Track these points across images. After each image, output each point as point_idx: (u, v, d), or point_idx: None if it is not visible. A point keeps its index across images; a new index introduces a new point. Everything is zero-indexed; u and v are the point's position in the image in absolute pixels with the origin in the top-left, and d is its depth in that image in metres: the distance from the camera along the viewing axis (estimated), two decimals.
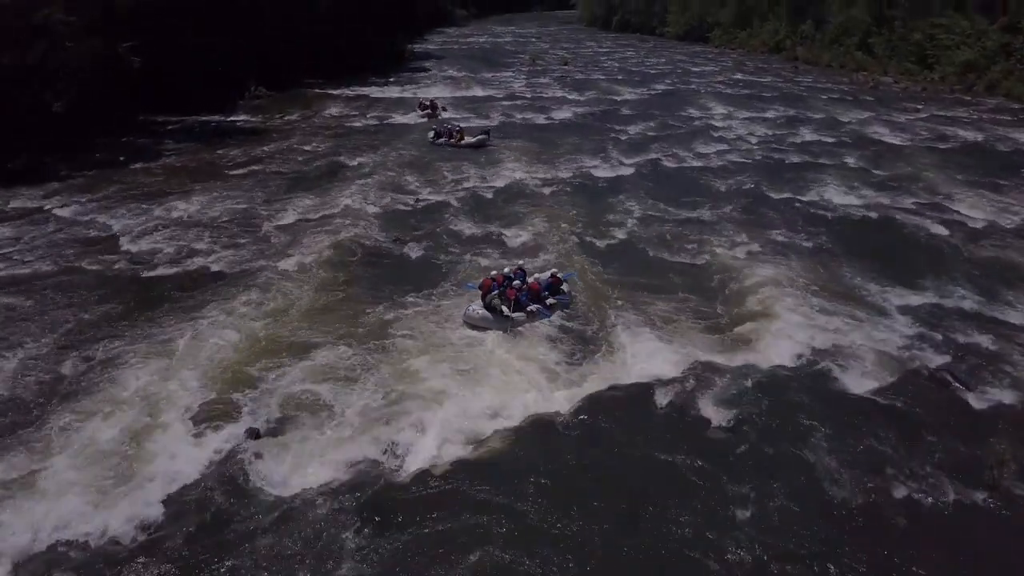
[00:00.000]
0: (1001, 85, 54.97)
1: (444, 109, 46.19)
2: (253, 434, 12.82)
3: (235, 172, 31.04)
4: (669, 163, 33.41)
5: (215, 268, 20.77)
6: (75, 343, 16.19)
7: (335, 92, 53.63)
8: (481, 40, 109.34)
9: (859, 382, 14.95)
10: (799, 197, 28.09)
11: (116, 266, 20.66)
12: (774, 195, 28.38)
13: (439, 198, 27.79)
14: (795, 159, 34.45)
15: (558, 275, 18.37)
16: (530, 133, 39.97)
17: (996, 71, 56.13)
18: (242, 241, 22.98)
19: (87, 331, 16.77)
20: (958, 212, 26.26)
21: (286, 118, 43.62)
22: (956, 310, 18.30)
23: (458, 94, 54.05)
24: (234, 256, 21.65)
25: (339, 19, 60.73)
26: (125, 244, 22.40)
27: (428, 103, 47.13)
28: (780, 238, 23.42)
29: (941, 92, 55.93)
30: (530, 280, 17.86)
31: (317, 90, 54.49)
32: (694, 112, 47.14)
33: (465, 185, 29.68)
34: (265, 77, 51.77)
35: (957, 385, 14.85)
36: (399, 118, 43.78)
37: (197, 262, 21.25)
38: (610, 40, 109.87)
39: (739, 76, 66.32)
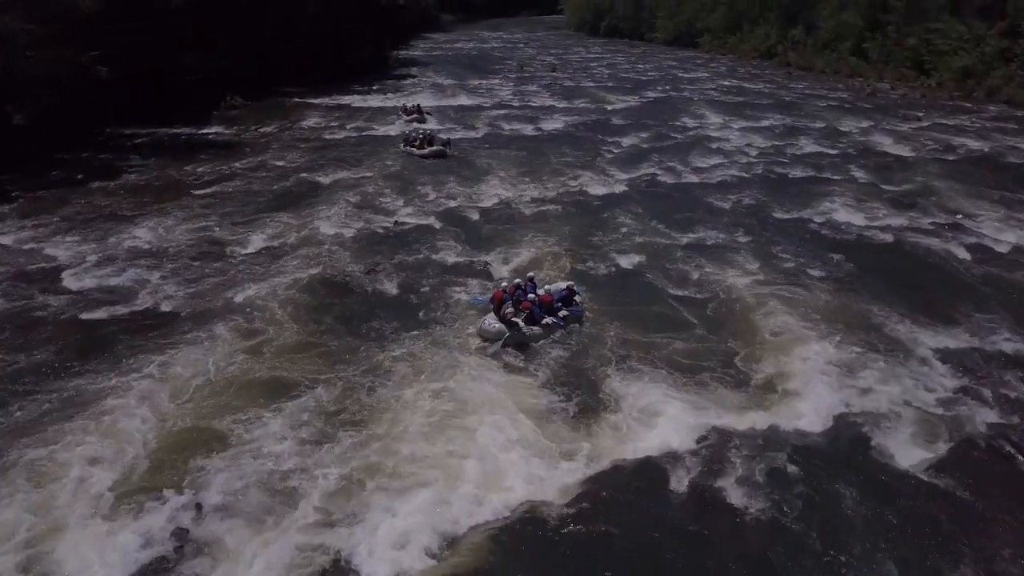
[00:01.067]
0: (1002, 91, 53.10)
1: (429, 114, 44.82)
2: (180, 536, 10.41)
3: (202, 191, 28.57)
4: (666, 178, 31.16)
5: (166, 307, 18.33)
6: None
7: (315, 101, 51.18)
8: (468, 46, 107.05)
9: (901, 452, 12.71)
10: (807, 217, 25.91)
11: (51, 306, 18.16)
12: (780, 214, 26.19)
13: (420, 220, 25.44)
14: (798, 173, 32.28)
15: (573, 287, 17.75)
16: (518, 145, 37.67)
17: (996, 77, 54.27)
18: (201, 274, 20.56)
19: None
20: (979, 233, 24.14)
21: (262, 130, 41.16)
22: (999, 355, 16.08)
23: (444, 102, 51.71)
24: (189, 293, 19.23)
25: (321, 25, 58.32)
26: (67, 279, 19.91)
27: (413, 107, 45.32)
28: (792, 265, 21.18)
29: (940, 99, 53.98)
30: (541, 292, 17.27)
31: (296, 99, 52.02)
32: (688, 121, 44.95)
33: (449, 204, 27.35)
34: (242, 86, 49.32)
35: (1018, 456, 12.59)
36: (380, 129, 41.39)
37: (146, 301, 18.79)
38: (598, 46, 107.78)
39: (731, 82, 64.26)
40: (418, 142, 35.11)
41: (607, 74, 71.17)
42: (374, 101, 52.55)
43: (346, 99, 52.74)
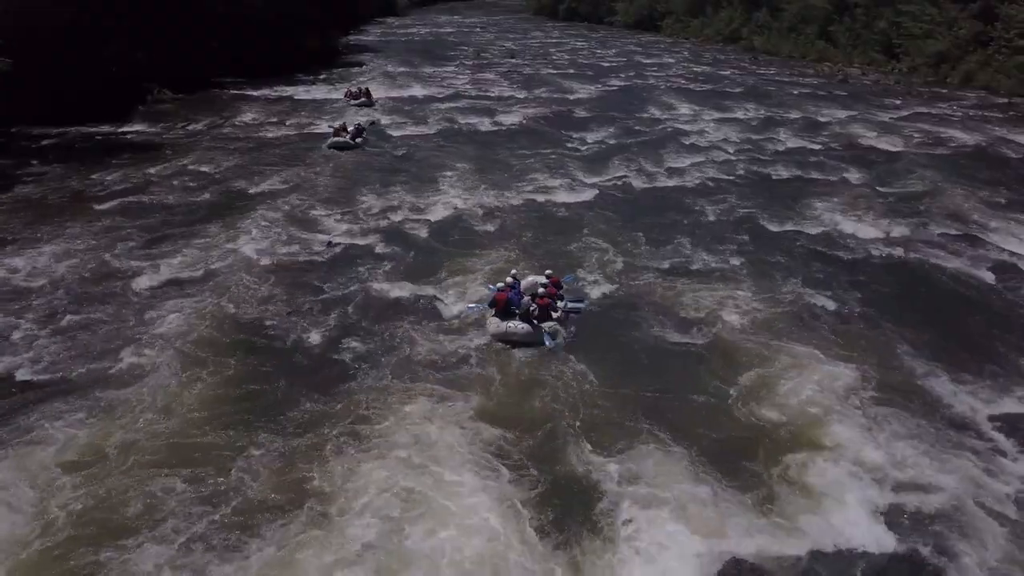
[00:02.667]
0: (977, 77, 50.53)
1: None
2: None
3: (106, 205, 24.28)
4: (639, 182, 27.58)
5: (24, 374, 14.31)
6: None
7: (254, 94, 46.54)
8: (424, 31, 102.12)
9: None
10: (802, 229, 22.59)
11: None
12: (771, 226, 22.83)
13: (359, 240, 21.60)
14: (784, 173, 28.95)
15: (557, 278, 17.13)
16: (474, 143, 33.80)
17: (971, 62, 51.65)
18: (87, 319, 16.55)
19: None
20: (998, 247, 21.12)
21: (190, 127, 36.62)
22: None
23: (394, 93, 47.44)
24: (62, 350, 15.23)
25: (264, 9, 53.41)
26: None
27: (358, 91, 43.00)
28: (794, 296, 17.80)
29: (915, 85, 51.26)
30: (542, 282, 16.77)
31: (233, 91, 47.31)
32: (657, 112, 41.41)
33: (393, 218, 23.50)
34: (172, 77, 44.53)
35: None
36: (323, 124, 37.01)
37: (7, 359, 14.76)
38: (558, 30, 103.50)
39: (698, 69, 60.85)
40: (347, 135, 32.48)
41: (568, 60, 67.30)
42: (319, 92, 48.06)
43: (289, 90, 48.14)
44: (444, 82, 53.21)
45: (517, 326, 15.27)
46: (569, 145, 33.41)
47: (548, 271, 17.17)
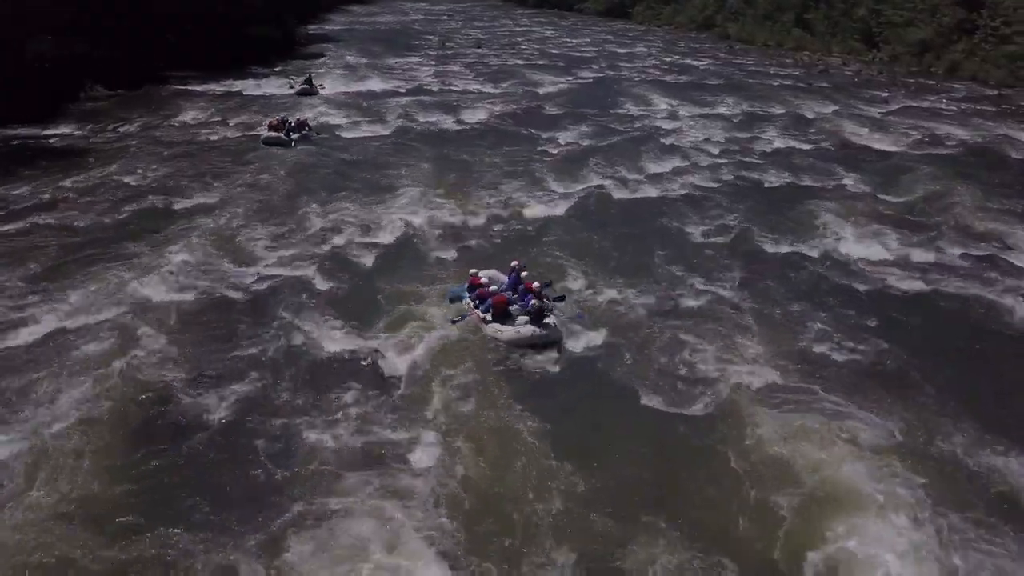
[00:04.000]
0: (964, 67, 48.07)
1: (322, 87, 41.90)
2: None
3: (1, 229, 20.61)
4: (618, 193, 24.37)
5: None
6: None
7: (200, 89, 42.54)
8: (388, 19, 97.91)
9: None
10: (804, 252, 19.58)
11: None
12: (769, 248, 19.78)
13: (292, 271, 18.17)
14: (775, 180, 25.93)
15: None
16: (433, 146, 30.35)
17: (957, 51, 49.13)
18: None
19: None
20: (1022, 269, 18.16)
21: (122, 129, 32.77)
22: None
23: (352, 88, 43.73)
24: None
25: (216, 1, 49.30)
26: None
27: (303, 81, 41.68)
28: (805, 340, 14.85)
29: (899, 75, 48.68)
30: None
31: (178, 86, 43.24)
32: (633, 108, 38.21)
33: (335, 241, 20.12)
34: (111, 71, 40.45)
35: None
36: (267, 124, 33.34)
37: None
38: (527, 17, 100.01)
39: (673, 59, 57.77)
40: (284, 129, 30.22)
41: (537, 50, 63.83)
42: (271, 86, 44.17)
43: (238, 85, 44.17)
44: (406, 74, 49.59)
45: (537, 330, 14.14)
46: (539, 147, 30.11)
47: (513, 262, 16.21)
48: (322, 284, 17.40)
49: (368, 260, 18.95)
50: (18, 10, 34.57)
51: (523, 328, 14.25)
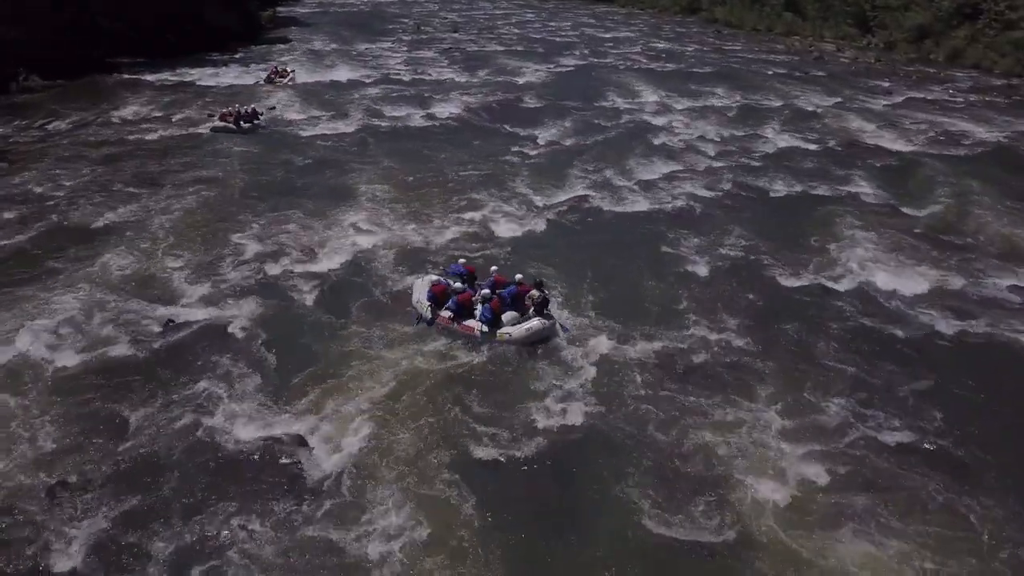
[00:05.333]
0: (966, 54, 44.81)
1: (291, 75, 38.53)
2: None
3: None
4: (604, 204, 21.09)
5: None
6: None
7: (149, 79, 38.60)
8: (363, 2, 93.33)
9: None
10: (825, 283, 16.42)
11: None
12: (785, 279, 16.59)
13: (216, 312, 14.88)
14: (781, 187, 22.71)
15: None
16: (402, 145, 26.89)
17: (958, 37, 45.89)
18: None
19: None
20: None
21: (52, 126, 29.02)
22: None
23: (316, 77, 39.92)
24: None
25: None
26: None
27: (277, 71, 38.76)
28: (847, 418, 11.74)
29: (898, 63, 45.44)
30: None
31: (126, 76, 39.29)
32: (618, 101, 34.78)
33: (271, 270, 16.81)
34: (52, 60, 36.49)
35: None
36: (218, 119, 29.71)
37: None
38: (506, 0, 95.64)
39: (659, 44, 54.26)
40: (232, 116, 28.44)
41: (516, 35, 60.05)
42: (229, 75, 40.33)
43: (193, 74, 40.24)
44: (376, 62, 45.82)
45: (536, 322, 13.47)
46: (516, 147, 26.69)
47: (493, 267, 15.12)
48: (248, 333, 14.05)
49: (308, 296, 15.62)
50: None
51: (533, 323, 13.47)
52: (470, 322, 13.74)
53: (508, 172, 23.60)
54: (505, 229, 19.25)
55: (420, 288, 14.79)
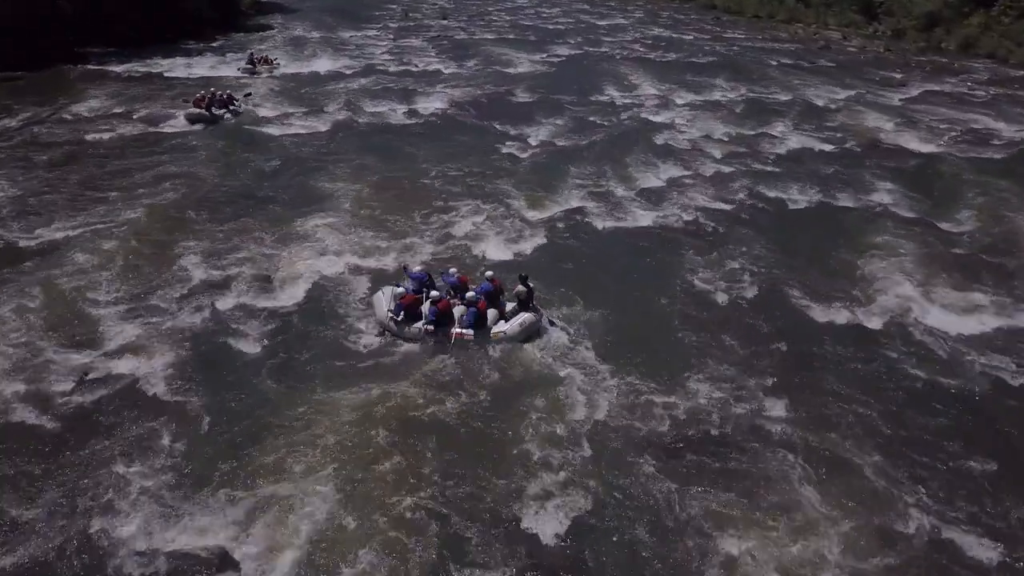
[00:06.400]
0: (980, 43, 42.24)
1: (276, 63, 36.85)
2: None
3: None
4: (601, 220, 18.57)
5: None
6: None
7: (119, 69, 35.77)
8: None
9: None
10: (862, 320, 14.08)
11: None
12: (812, 311, 14.25)
13: (144, 361, 12.37)
14: (798, 196, 20.28)
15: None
16: (379, 146, 24.32)
17: (971, 25, 43.32)
18: None
19: None
20: None
21: (0, 124, 26.30)
22: None
23: (295, 68, 37.16)
24: None
25: None
26: None
27: (261, 58, 36.86)
28: (919, 520, 9.32)
29: (909, 53, 42.88)
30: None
31: (92, 66, 36.41)
32: (616, 95, 32.22)
33: (219, 302, 14.29)
34: (10, 49, 33.71)
35: None
36: (182, 117, 27.05)
37: None
38: None
39: (657, 32, 51.59)
40: (206, 102, 26.85)
41: (508, 22, 57.25)
42: (202, 66, 37.49)
43: (164, 64, 37.35)
44: (360, 51, 43.02)
45: (529, 315, 12.89)
46: (505, 149, 24.14)
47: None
48: (179, 394, 11.59)
49: (258, 341, 13.12)
50: None
51: (525, 317, 12.85)
52: (460, 329, 12.70)
53: (496, 179, 21.06)
54: (493, 249, 16.76)
55: (383, 300, 13.34)
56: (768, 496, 9.43)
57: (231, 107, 27.48)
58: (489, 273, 13.62)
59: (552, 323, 13.12)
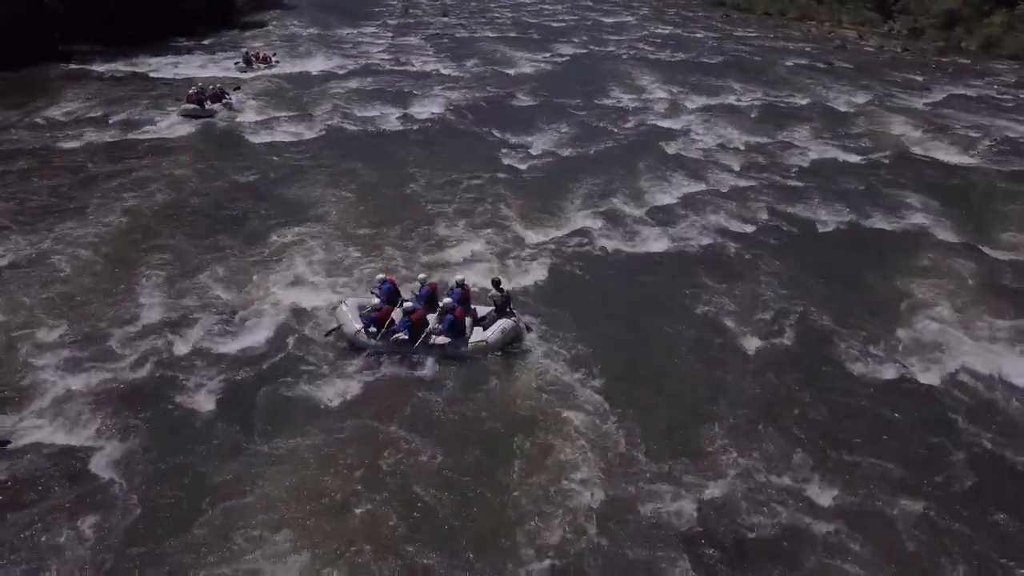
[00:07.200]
0: (1003, 43, 40.13)
1: (273, 60, 35.15)
2: None
3: None
4: (610, 242, 16.62)
5: None
6: None
7: (101, 69, 33.86)
8: None
9: None
10: (914, 372, 12.11)
11: None
12: (852, 360, 12.30)
13: (71, 428, 10.49)
14: (826, 217, 18.28)
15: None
16: (369, 155, 22.43)
17: (993, 24, 41.23)
18: None
19: None
20: None
21: None
22: None
23: (287, 68, 35.09)
24: None
25: None
26: None
27: (258, 55, 35.21)
28: None
29: (928, 53, 40.76)
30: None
31: (75, 65, 34.44)
32: (623, 98, 30.23)
33: (176, 346, 12.48)
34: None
35: None
36: (162, 125, 25.18)
37: None
38: None
39: (664, 30, 49.49)
40: (201, 100, 26.00)
41: (510, 19, 55.15)
42: (191, 65, 35.53)
43: (151, 63, 35.39)
44: (356, 49, 41.00)
45: (508, 322, 12.19)
46: (505, 160, 22.17)
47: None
48: (117, 470, 9.71)
49: (211, 397, 11.26)
50: None
51: (504, 323, 12.24)
52: (436, 339, 12.01)
53: (494, 195, 19.11)
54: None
55: (349, 313, 12.48)
56: None
57: (224, 100, 26.88)
58: (459, 278, 12.89)
59: (529, 329, 12.53)
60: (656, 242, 16.57)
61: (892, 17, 48.79)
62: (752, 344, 12.53)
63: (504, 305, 12.39)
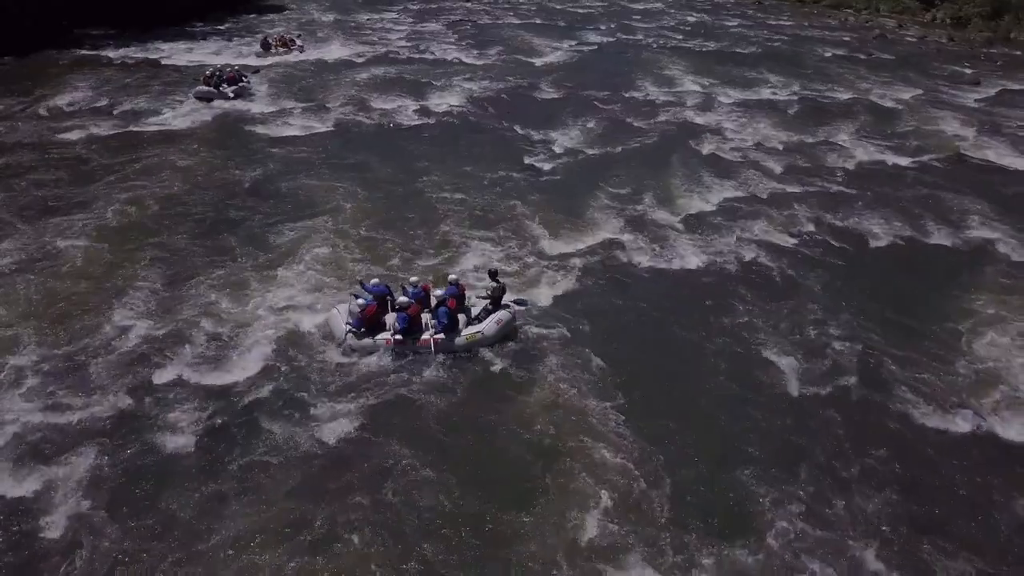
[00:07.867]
0: None
1: (297, 47, 33.87)
2: None
3: None
4: (641, 259, 15.06)
5: None
6: None
7: (112, 55, 32.63)
8: None
9: None
10: (994, 425, 10.44)
11: None
12: (922, 416, 10.76)
13: (34, 473, 9.26)
14: (880, 231, 16.59)
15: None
16: (379, 155, 20.94)
17: None
18: None
19: None
20: None
21: None
22: None
23: (303, 56, 33.71)
24: None
25: None
26: None
27: (279, 39, 34.06)
28: None
29: (976, 44, 38.43)
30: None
31: (86, 51, 33.25)
32: (653, 91, 28.46)
33: (156, 376, 11.13)
34: (9, 31, 30.93)
35: None
36: (169, 114, 23.91)
37: None
38: None
39: (694, 18, 47.42)
40: (214, 79, 25.66)
41: (536, 4, 53.21)
42: (205, 51, 34.22)
43: (163, 49, 34.12)
44: (375, 36, 39.42)
45: (504, 313, 11.97)
46: (526, 158, 20.63)
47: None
48: (80, 527, 8.38)
49: (189, 437, 9.91)
50: None
51: (500, 315, 12.00)
52: (433, 335, 11.64)
53: (513, 198, 17.60)
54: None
55: (340, 318, 11.97)
56: None
57: (241, 83, 26.21)
58: (453, 277, 12.54)
59: (522, 303, 12.34)
60: (689, 255, 14.99)
61: (934, 5, 46.35)
62: (793, 378, 11.03)
63: (500, 297, 12.15)
